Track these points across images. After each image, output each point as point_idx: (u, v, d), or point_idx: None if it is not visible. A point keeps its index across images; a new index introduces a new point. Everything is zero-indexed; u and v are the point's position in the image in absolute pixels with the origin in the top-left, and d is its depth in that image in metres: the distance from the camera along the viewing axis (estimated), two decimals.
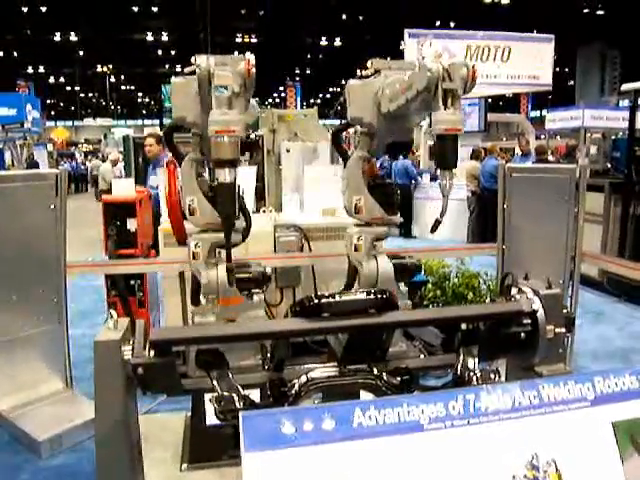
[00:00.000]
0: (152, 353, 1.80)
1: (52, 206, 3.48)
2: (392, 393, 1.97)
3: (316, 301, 1.82)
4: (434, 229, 2.30)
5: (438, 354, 2.28)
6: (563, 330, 2.17)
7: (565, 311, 2.19)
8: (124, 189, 4.41)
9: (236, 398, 1.73)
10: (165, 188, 2.78)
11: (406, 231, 10.76)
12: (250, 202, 4.92)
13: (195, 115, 2.45)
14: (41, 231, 3.51)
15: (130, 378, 1.85)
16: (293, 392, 1.91)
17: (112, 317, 1.87)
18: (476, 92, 11.61)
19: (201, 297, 2.68)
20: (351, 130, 3.03)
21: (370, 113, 2.45)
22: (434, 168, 2.27)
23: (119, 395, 1.85)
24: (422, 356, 2.43)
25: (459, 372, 1.91)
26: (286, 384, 1.93)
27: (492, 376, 1.87)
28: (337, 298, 1.84)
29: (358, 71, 2.65)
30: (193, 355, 2.02)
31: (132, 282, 4.38)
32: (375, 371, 2.00)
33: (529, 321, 2.06)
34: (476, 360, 1.93)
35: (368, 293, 1.90)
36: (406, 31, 13.94)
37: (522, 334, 2.06)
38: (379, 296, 1.85)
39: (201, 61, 2.24)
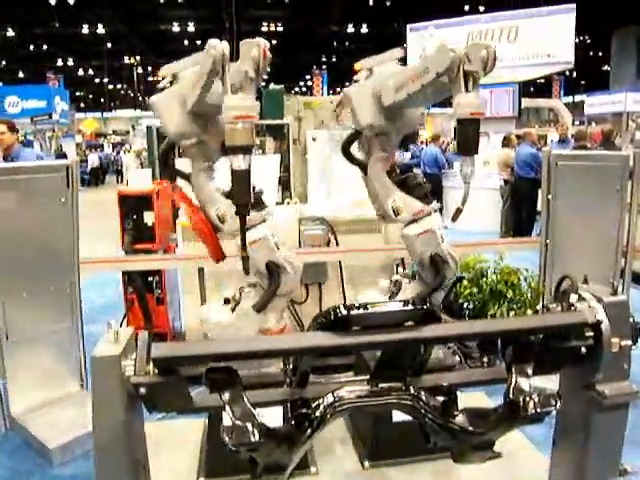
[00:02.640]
0: (156, 371, 1.57)
1: (62, 199, 3.28)
2: (432, 416, 1.71)
3: (345, 312, 1.55)
4: (455, 218, 2.18)
5: (476, 360, 2.05)
6: (629, 343, 1.90)
7: (631, 320, 1.91)
8: (141, 181, 4.21)
9: (250, 428, 1.48)
10: (186, 214, 2.50)
11: None
12: (274, 193, 4.70)
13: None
14: (52, 226, 3.32)
15: (133, 397, 1.64)
16: (318, 414, 1.66)
17: (111, 327, 1.64)
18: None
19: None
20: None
21: (377, 115, 2.27)
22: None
23: (120, 415, 1.63)
24: (457, 358, 2.21)
25: (512, 394, 1.63)
26: (310, 405, 1.68)
27: (552, 401, 1.59)
28: (369, 309, 1.57)
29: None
30: None
31: (150, 278, 4.19)
32: (412, 390, 1.73)
33: (591, 333, 1.78)
34: (531, 381, 1.65)
35: (405, 303, 1.63)
36: (408, 26, 13.33)
37: (583, 348, 1.78)
38: (418, 307, 1.58)
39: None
